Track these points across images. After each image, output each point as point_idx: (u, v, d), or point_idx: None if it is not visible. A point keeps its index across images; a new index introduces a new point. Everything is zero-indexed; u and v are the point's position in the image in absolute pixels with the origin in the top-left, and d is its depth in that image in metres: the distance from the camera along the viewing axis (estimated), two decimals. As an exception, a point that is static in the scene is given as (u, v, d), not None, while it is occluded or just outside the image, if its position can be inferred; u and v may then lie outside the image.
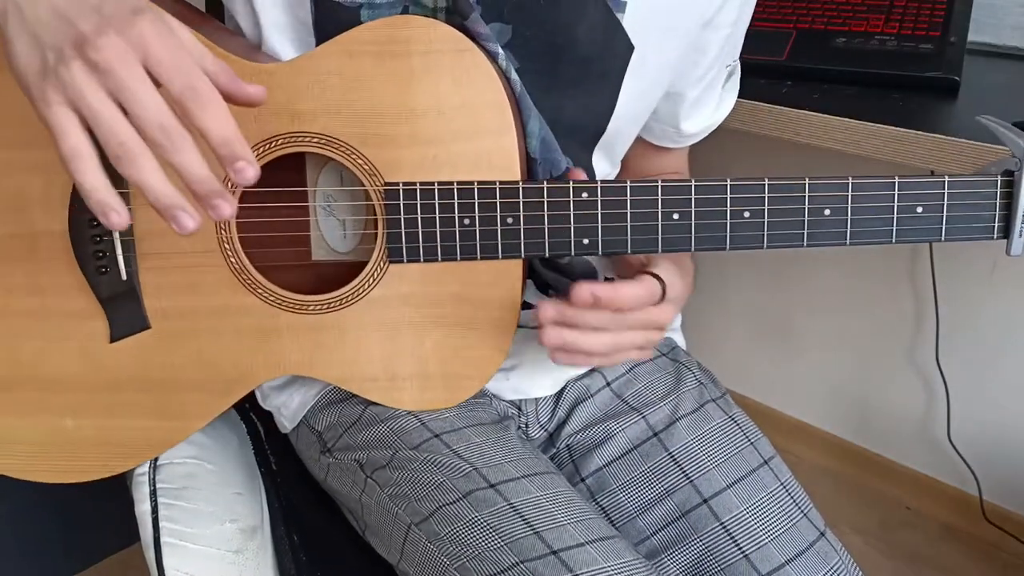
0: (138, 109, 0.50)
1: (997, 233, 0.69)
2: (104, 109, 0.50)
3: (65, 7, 0.51)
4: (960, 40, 1.07)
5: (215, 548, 0.77)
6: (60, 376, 0.75)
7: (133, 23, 0.50)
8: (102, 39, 0.50)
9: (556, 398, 0.87)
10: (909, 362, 1.63)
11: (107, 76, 0.50)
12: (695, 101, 0.83)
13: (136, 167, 0.50)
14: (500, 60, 0.69)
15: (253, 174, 0.53)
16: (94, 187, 0.51)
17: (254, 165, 0.53)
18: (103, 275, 0.73)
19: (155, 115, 0.50)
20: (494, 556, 0.66)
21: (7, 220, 0.72)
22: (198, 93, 0.51)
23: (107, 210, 0.51)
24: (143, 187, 0.51)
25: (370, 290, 0.73)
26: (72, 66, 0.50)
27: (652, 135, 0.87)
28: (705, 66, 0.81)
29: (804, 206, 0.68)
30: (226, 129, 0.52)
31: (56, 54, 0.51)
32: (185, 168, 0.51)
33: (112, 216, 0.52)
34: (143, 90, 0.50)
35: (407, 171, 0.70)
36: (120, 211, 0.52)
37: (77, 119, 0.51)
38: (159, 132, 0.50)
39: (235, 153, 0.52)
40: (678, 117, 0.84)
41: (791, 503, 0.77)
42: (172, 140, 0.50)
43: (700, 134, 0.87)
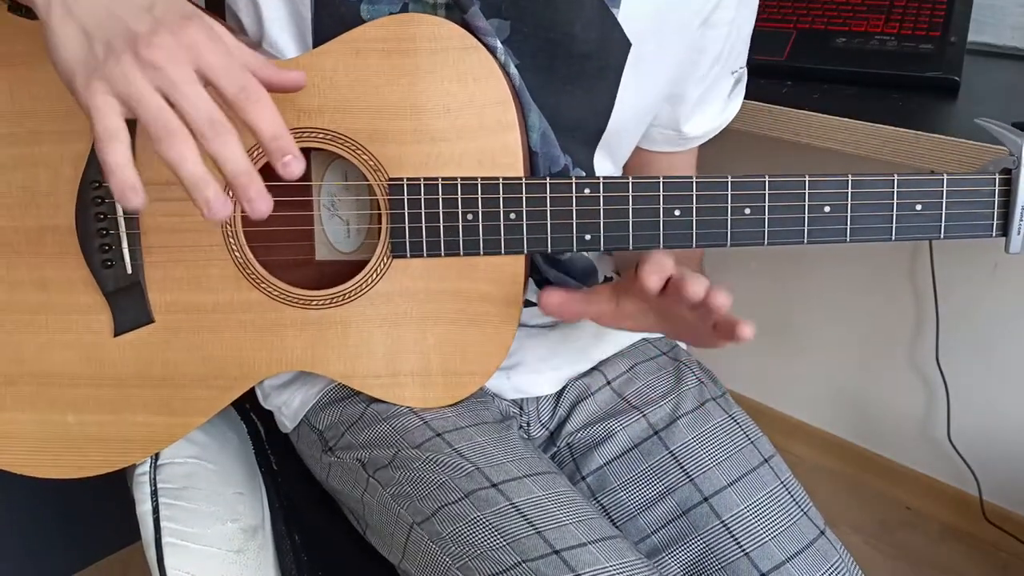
0: (187, 105, 0.52)
1: (996, 231, 0.69)
2: (150, 97, 0.52)
3: (118, 6, 0.53)
4: (960, 40, 1.07)
5: (216, 548, 0.78)
6: (63, 371, 0.75)
7: (185, 27, 0.53)
8: (156, 38, 0.52)
9: (557, 397, 0.87)
10: (909, 362, 1.64)
11: (158, 73, 0.52)
12: (696, 102, 0.83)
13: (178, 147, 0.52)
14: (499, 54, 0.70)
15: (299, 168, 0.55)
16: (120, 164, 0.53)
17: (300, 159, 0.55)
18: (108, 269, 0.73)
19: (204, 110, 0.53)
20: (496, 556, 0.66)
21: (14, 214, 0.73)
22: (249, 92, 0.54)
23: (127, 189, 0.53)
24: (179, 165, 0.53)
25: (373, 285, 0.73)
26: (123, 60, 0.52)
27: (653, 143, 0.86)
28: (705, 66, 0.80)
29: (804, 203, 0.68)
30: (277, 125, 0.55)
31: (106, 48, 0.53)
32: (230, 158, 0.54)
33: (131, 195, 0.53)
34: (193, 88, 0.53)
35: (411, 167, 0.70)
36: (139, 191, 0.53)
37: (119, 106, 0.53)
38: (207, 125, 0.53)
39: (284, 147, 0.55)
40: (679, 119, 0.84)
41: (791, 501, 0.78)
42: (218, 132, 0.53)
43: (702, 137, 0.87)
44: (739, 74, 0.86)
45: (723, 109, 0.86)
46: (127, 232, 0.73)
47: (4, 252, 0.73)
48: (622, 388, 0.87)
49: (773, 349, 1.83)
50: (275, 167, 0.56)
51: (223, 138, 0.53)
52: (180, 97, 0.53)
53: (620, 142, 0.81)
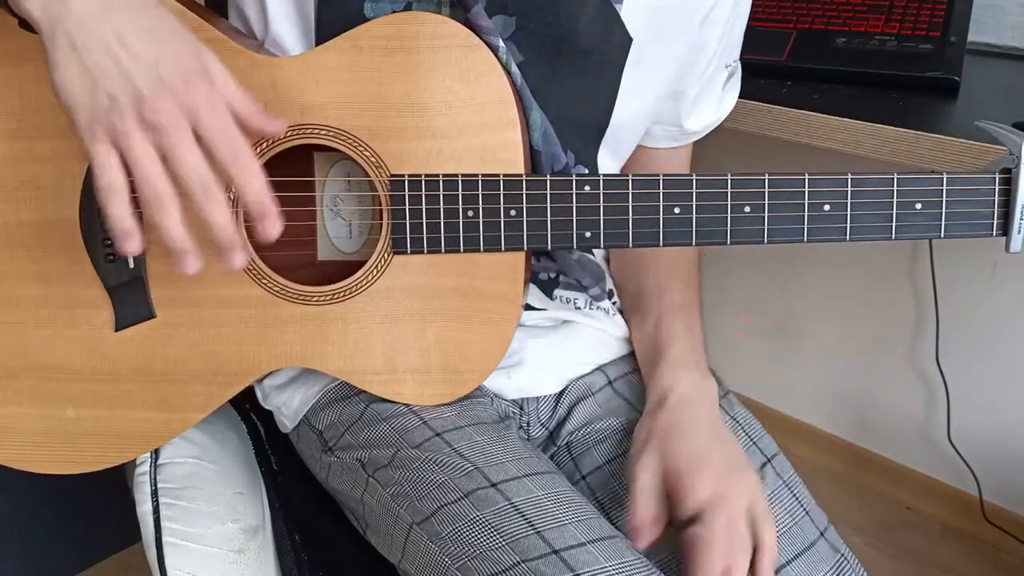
0: (183, 170, 0.57)
1: (996, 230, 0.69)
2: (147, 161, 0.57)
3: (125, 60, 0.56)
4: (960, 40, 1.08)
5: (217, 548, 0.77)
6: (63, 365, 0.75)
7: (188, 92, 0.57)
8: (159, 103, 0.56)
9: (557, 397, 0.87)
10: (909, 362, 1.64)
11: (158, 134, 0.56)
12: (696, 98, 0.84)
13: (165, 215, 0.58)
14: (500, 53, 0.70)
15: (278, 230, 0.61)
16: (121, 217, 0.58)
17: (280, 222, 0.61)
18: (111, 263, 0.73)
19: (197, 174, 0.57)
20: (496, 556, 0.66)
21: (20, 208, 0.73)
22: (239, 160, 0.59)
23: (126, 238, 0.59)
24: (165, 231, 0.59)
25: (374, 281, 0.73)
26: (127, 119, 0.56)
27: (653, 139, 0.87)
28: (704, 62, 0.81)
29: (804, 201, 0.69)
30: (261, 191, 0.60)
31: (111, 101, 0.56)
32: (215, 221, 0.59)
33: (129, 244, 0.59)
34: (190, 152, 0.57)
35: (413, 164, 0.71)
36: (137, 239, 0.60)
37: (117, 157, 0.57)
38: (199, 191, 0.58)
39: (266, 210, 0.61)
40: (680, 115, 0.85)
41: (793, 501, 0.77)
42: (208, 198, 0.58)
43: (702, 132, 0.88)
44: (733, 67, 0.86)
45: (720, 103, 0.87)
46: None
47: (9, 245, 0.74)
48: (623, 388, 0.87)
49: (773, 349, 1.83)
50: (256, 226, 0.61)
51: (212, 204, 0.58)
52: (177, 161, 0.57)
53: (623, 138, 0.82)
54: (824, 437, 1.81)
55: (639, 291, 0.88)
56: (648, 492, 0.73)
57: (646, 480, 0.74)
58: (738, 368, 1.81)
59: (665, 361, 0.81)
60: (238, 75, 0.69)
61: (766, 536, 0.70)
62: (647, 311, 0.87)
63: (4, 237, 0.74)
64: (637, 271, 0.89)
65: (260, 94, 0.70)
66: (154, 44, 0.57)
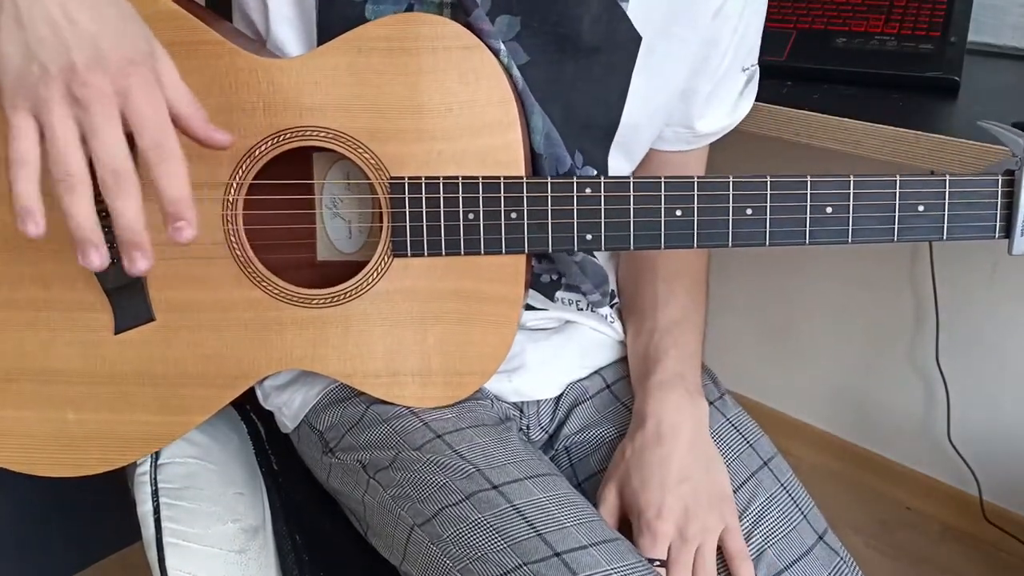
0: (100, 149, 0.53)
1: (998, 232, 0.69)
2: (65, 135, 0.53)
3: (66, 32, 0.53)
4: (960, 40, 1.07)
5: (217, 548, 0.77)
6: (63, 368, 0.75)
7: (125, 72, 0.54)
8: (90, 76, 0.53)
9: (556, 400, 0.87)
10: (909, 362, 1.64)
11: (82, 111, 0.53)
12: (708, 98, 0.82)
13: (74, 197, 0.54)
14: (502, 56, 0.70)
15: (190, 234, 0.57)
16: (25, 194, 0.54)
17: (193, 227, 0.57)
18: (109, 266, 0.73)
19: (113, 159, 0.53)
20: (497, 558, 0.66)
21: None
22: (163, 151, 0.55)
23: (27, 216, 0.54)
24: (71, 216, 0.54)
25: (374, 284, 0.73)
26: (52, 88, 0.53)
27: (665, 141, 0.86)
28: (718, 57, 0.80)
29: (806, 203, 0.68)
30: (179, 190, 0.56)
31: (42, 70, 0.53)
32: (120, 213, 0.55)
33: (30, 225, 0.55)
34: (110, 132, 0.53)
35: (413, 166, 0.70)
36: (39, 221, 0.55)
37: (36, 128, 0.53)
38: (110, 175, 0.54)
39: (180, 213, 0.56)
40: (692, 116, 0.83)
41: (791, 505, 0.77)
42: (120, 185, 0.54)
43: (715, 134, 0.86)
44: (751, 72, 0.85)
45: (735, 106, 0.85)
46: None
47: (7, 248, 0.73)
48: (621, 392, 0.87)
49: (773, 349, 1.83)
50: (166, 228, 0.57)
51: (123, 193, 0.54)
52: (95, 141, 0.53)
53: (635, 139, 0.81)
54: (824, 437, 1.81)
55: (638, 303, 0.88)
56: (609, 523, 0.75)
57: (605, 512, 0.77)
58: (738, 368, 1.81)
59: (651, 382, 0.80)
60: (237, 76, 0.70)
61: (742, 574, 0.72)
62: (641, 327, 0.86)
63: (3, 240, 0.73)
64: (638, 281, 0.89)
65: (259, 95, 0.70)
66: (100, 21, 0.54)
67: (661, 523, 0.73)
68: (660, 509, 0.73)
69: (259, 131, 0.71)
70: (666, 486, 0.74)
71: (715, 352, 0.87)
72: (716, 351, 0.87)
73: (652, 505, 0.73)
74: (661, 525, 0.73)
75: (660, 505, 0.73)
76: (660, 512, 0.73)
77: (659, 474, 0.75)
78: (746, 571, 0.72)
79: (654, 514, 0.73)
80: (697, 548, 0.72)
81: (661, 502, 0.73)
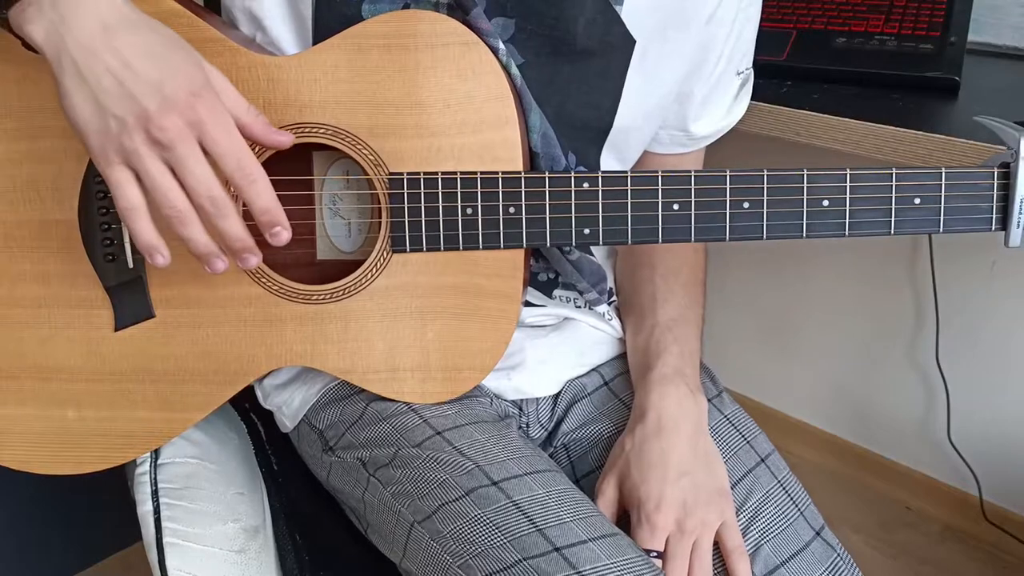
0: (193, 182, 0.60)
1: (995, 224, 0.69)
2: (163, 179, 0.59)
3: (129, 81, 0.58)
4: (960, 40, 1.08)
5: (218, 548, 0.77)
6: (63, 365, 0.75)
7: (193, 106, 0.59)
8: (165, 120, 0.58)
9: (555, 398, 0.87)
10: (909, 362, 1.63)
11: (167, 151, 0.59)
12: (703, 100, 0.83)
13: (187, 228, 0.62)
14: (500, 55, 0.70)
15: (286, 237, 0.65)
16: (147, 234, 0.62)
17: (288, 229, 0.65)
18: (110, 263, 0.74)
19: (206, 189, 0.60)
20: (497, 554, 0.66)
21: (19, 209, 0.73)
22: (246, 172, 0.61)
23: (154, 252, 0.63)
24: (189, 241, 0.62)
25: (373, 280, 0.74)
26: (135, 139, 0.58)
27: (660, 144, 0.86)
28: (712, 62, 0.80)
29: (803, 196, 0.69)
30: (268, 201, 0.63)
31: (120, 124, 0.58)
32: (228, 232, 0.63)
33: (158, 258, 0.63)
34: (199, 167, 0.60)
35: (412, 162, 0.71)
36: (165, 253, 0.63)
37: (133, 177, 0.60)
38: (208, 202, 0.61)
39: (273, 220, 0.64)
40: (687, 118, 0.84)
41: (788, 501, 0.77)
42: (219, 209, 0.61)
43: (709, 137, 0.87)
44: (745, 75, 0.85)
45: (730, 109, 0.86)
46: None
47: (8, 246, 0.74)
48: (618, 388, 0.87)
49: (773, 349, 1.83)
50: (264, 236, 0.64)
51: (223, 215, 0.61)
52: (186, 174, 0.59)
53: (628, 141, 0.81)
54: (824, 437, 1.81)
55: (636, 301, 0.88)
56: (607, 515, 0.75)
57: (603, 505, 0.77)
58: (737, 367, 1.81)
59: (652, 377, 0.80)
60: (237, 74, 0.70)
61: (738, 569, 0.72)
62: (641, 323, 0.86)
63: (3, 237, 0.74)
64: (636, 278, 0.89)
65: (259, 93, 0.70)
66: (156, 62, 0.59)
67: (660, 515, 0.73)
68: (659, 502, 0.73)
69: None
70: (666, 479, 0.74)
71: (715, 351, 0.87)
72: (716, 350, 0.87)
73: (651, 497, 0.74)
74: (660, 517, 0.73)
75: (660, 497, 0.73)
76: (659, 504, 0.73)
77: (659, 467, 0.75)
78: (743, 566, 0.72)
79: (653, 506, 0.73)
80: (694, 542, 0.72)
81: (661, 494, 0.74)
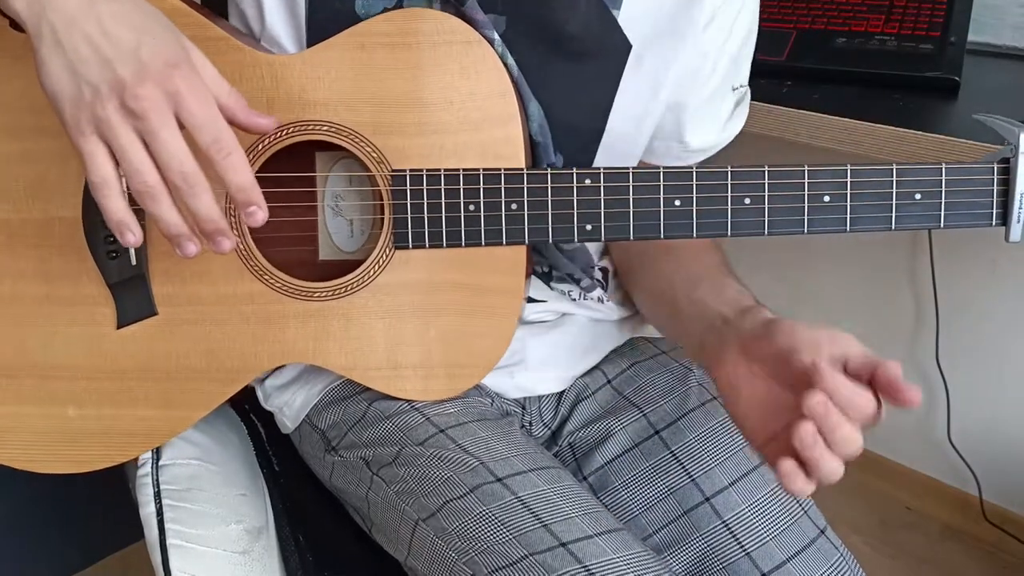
0: (165, 156, 0.57)
1: (995, 220, 0.69)
2: (134, 151, 0.57)
3: (106, 48, 0.56)
4: (960, 40, 1.08)
5: (221, 549, 0.77)
6: (65, 363, 0.75)
7: (170, 76, 0.56)
8: (140, 88, 0.55)
9: (558, 396, 0.87)
10: (909, 362, 1.63)
11: (141, 121, 0.56)
12: (698, 111, 0.82)
13: (156, 204, 0.58)
14: (496, 46, 0.71)
15: (263, 217, 0.61)
16: (116, 210, 0.59)
17: (264, 209, 0.61)
18: (112, 260, 0.74)
19: (179, 163, 0.57)
20: (503, 549, 0.66)
21: (22, 207, 0.73)
22: (222, 145, 0.58)
23: (124, 229, 0.59)
24: (158, 220, 0.59)
25: (375, 276, 0.74)
26: (108, 107, 0.55)
27: (656, 156, 0.85)
28: (707, 72, 0.80)
29: (804, 192, 0.69)
30: (244, 177, 0.60)
31: (93, 91, 0.56)
32: (199, 211, 0.59)
33: (128, 235, 0.60)
34: (172, 139, 0.57)
35: (415, 159, 0.71)
36: (135, 231, 0.60)
37: (106, 150, 0.57)
38: (180, 178, 0.57)
39: (249, 199, 0.60)
40: (682, 129, 0.83)
41: (792, 500, 0.78)
42: (191, 186, 0.58)
43: (705, 151, 0.86)
44: (741, 92, 0.84)
45: (725, 126, 0.85)
46: None
47: (12, 244, 0.74)
48: (622, 386, 0.87)
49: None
50: (240, 215, 0.61)
51: (195, 192, 0.58)
52: (159, 147, 0.56)
53: (621, 147, 0.81)
54: (824, 437, 1.80)
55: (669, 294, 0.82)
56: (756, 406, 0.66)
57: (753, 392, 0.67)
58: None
59: (739, 313, 0.74)
60: (242, 71, 0.70)
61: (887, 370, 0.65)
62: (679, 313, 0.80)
63: (6, 235, 0.74)
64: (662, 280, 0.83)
65: (263, 90, 0.71)
66: (135, 31, 0.56)
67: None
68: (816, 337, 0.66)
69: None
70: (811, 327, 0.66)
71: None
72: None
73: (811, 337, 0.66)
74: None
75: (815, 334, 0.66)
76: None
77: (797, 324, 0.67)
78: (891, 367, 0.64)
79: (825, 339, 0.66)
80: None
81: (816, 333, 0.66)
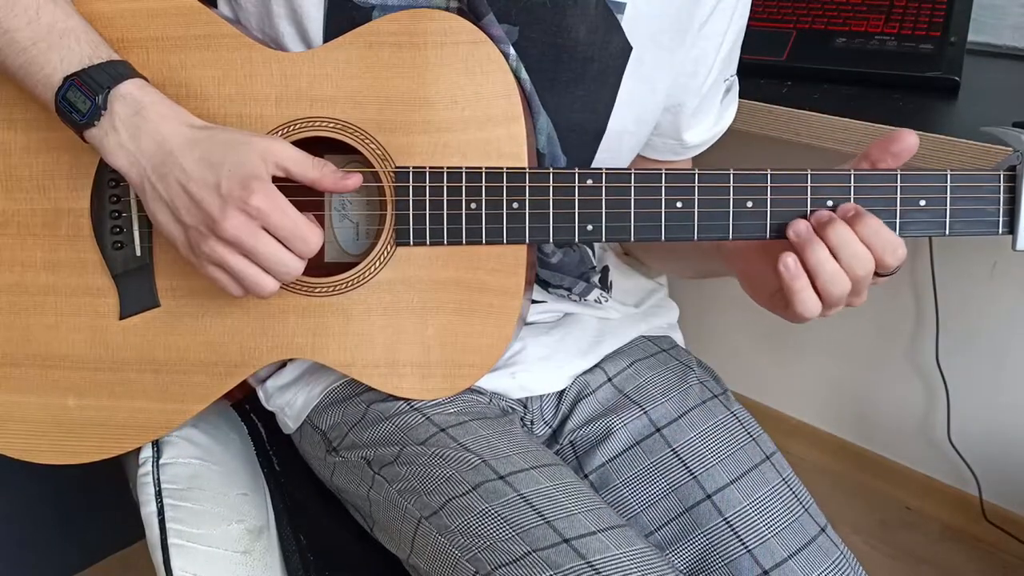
0: (262, 261, 0.67)
1: (1002, 228, 0.68)
2: (238, 264, 0.67)
3: (195, 190, 0.66)
4: (960, 40, 1.08)
5: (223, 549, 0.77)
6: (67, 353, 0.76)
7: (247, 200, 0.65)
8: (226, 221, 0.65)
9: (559, 394, 0.87)
10: (909, 362, 1.64)
11: (238, 245, 0.66)
12: (695, 111, 0.84)
13: (264, 290, 0.69)
14: (511, 60, 0.71)
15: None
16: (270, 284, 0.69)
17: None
18: (118, 250, 0.75)
19: (276, 261, 0.67)
20: (506, 546, 0.66)
21: (33, 197, 0.74)
22: (306, 240, 0.67)
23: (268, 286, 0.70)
24: (271, 294, 0.70)
25: (376, 273, 0.74)
26: (210, 242, 0.66)
27: (655, 151, 0.87)
28: (703, 74, 0.81)
29: (807, 197, 0.69)
30: (317, 247, 0.69)
31: (195, 233, 0.67)
32: (289, 280, 0.70)
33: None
34: (266, 249, 0.67)
35: (419, 157, 0.71)
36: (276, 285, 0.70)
37: (224, 272, 0.68)
38: (283, 272, 0.68)
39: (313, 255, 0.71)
40: (680, 128, 0.85)
41: (792, 498, 0.78)
42: (288, 275, 0.69)
43: (702, 145, 0.88)
44: (730, 82, 0.86)
45: (719, 118, 0.87)
46: (139, 215, 0.75)
47: (20, 234, 0.75)
48: (623, 384, 0.87)
49: (773, 349, 1.83)
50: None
51: (290, 276, 0.69)
52: (260, 260, 0.67)
53: (620, 146, 0.82)
54: (824, 437, 1.81)
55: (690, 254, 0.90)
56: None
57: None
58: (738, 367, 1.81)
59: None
60: (252, 68, 0.72)
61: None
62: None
63: (16, 225, 0.75)
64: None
65: (272, 87, 0.72)
66: (212, 168, 0.65)
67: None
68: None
69: (271, 121, 0.72)
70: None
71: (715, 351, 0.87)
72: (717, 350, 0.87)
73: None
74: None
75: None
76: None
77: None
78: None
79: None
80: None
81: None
